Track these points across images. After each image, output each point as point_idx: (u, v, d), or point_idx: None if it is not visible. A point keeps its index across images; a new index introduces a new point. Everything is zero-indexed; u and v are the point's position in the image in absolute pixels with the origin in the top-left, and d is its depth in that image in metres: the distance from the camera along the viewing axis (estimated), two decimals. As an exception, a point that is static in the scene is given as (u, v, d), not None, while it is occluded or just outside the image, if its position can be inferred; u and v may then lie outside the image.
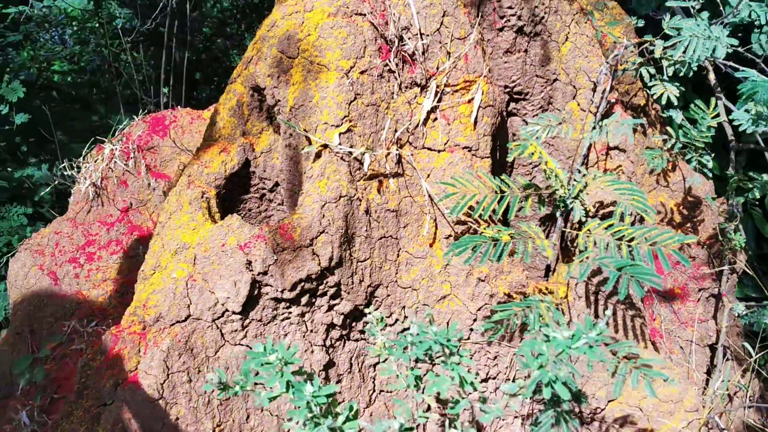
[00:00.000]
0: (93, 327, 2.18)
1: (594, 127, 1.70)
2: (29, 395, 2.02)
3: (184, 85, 4.96)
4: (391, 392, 1.70)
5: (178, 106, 2.70)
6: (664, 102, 1.98)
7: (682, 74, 2.14)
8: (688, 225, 2.26)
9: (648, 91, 2.11)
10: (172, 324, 1.52)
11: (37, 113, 4.27)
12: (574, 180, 1.63)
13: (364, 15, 1.70)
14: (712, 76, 2.66)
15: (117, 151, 2.43)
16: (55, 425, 1.75)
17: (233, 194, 1.83)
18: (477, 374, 1.68)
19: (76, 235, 2.41)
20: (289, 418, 1.05)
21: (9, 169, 3.90)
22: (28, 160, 3.77)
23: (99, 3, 4.73)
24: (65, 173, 2.53)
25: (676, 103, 2.01)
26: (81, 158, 2.61)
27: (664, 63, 2.12)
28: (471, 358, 1.69)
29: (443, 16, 1.74)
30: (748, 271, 2.21)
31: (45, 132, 4.23)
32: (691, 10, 2.17)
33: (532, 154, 1.49)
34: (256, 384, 1.03)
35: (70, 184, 2.59)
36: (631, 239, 1.47)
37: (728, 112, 2.38)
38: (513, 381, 1.72)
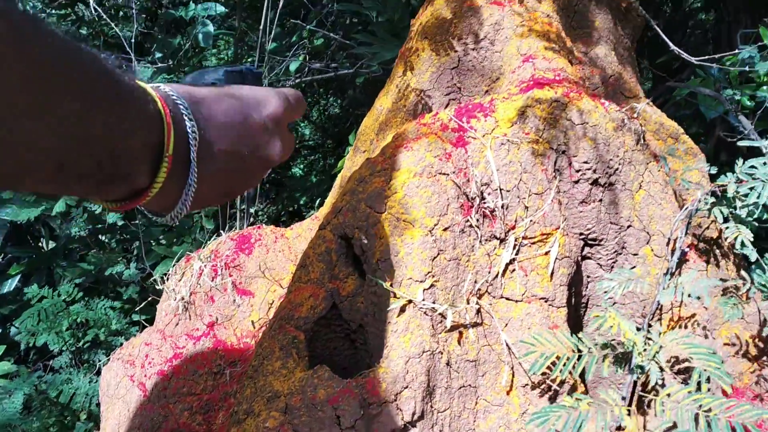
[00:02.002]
0: (179, 442, 2.30)
1: (667, 286, 1.75)
2: None
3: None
4: None
5: (262, 225, 2.86)
6: (738, 246, 2.02)
7: (755, 216, 2.17)
8: (764, 358, 2.25)
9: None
10: (264, 472, 1.61)
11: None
12: (649, 339, 1.68)
13: (447, 174, 1.81)
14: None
15: (206, 269, 2.59)
16: None
17: (319, 335, 1.94)
18: None
19: (165, 348, 2.56)
20: None
21: (96, 255, 4.15)
22: (115, 252, 4.02)
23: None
24: (156, 286, 2.71)
25: (749, 245, 2.05)
26: (170, 269, 2.79)
27: (738, 203, 2.17)
28: None
29: (522, 173, 1.85)
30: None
31: (131, 223, 4.50)
32: (763, 149, 2.22)
33: (611, 327, 1.56)
34: None
35: (156, 297, 2.76)
36: (709, 410, 1.51)
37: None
38: None
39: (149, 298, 2.94)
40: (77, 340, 3.73)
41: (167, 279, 2.77)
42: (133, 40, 3.63)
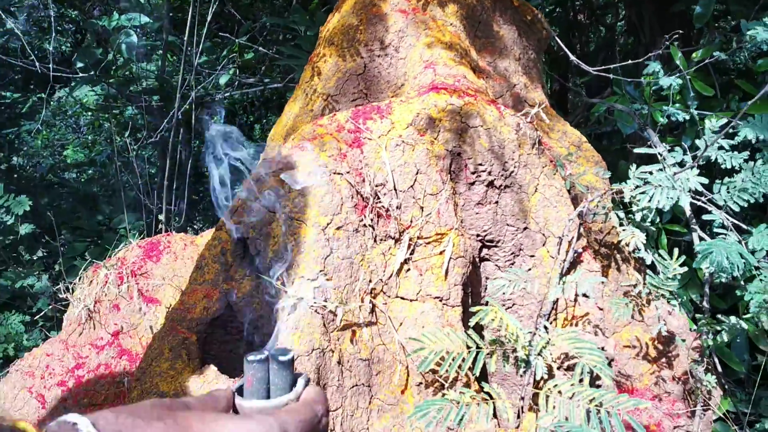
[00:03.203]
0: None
1: (558, 282, 1.79)
2: None
3: (187, 184, 5.11)
4: None
5: (172, 231, 2.81)
6: (631, 248, 2.08)
7: (649, 220, 2.25)
8: (663, 360, 2.31)
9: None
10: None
11: (44, 215, 4.42)
12: (538, 335, 1.71)
13: (342, 174, 1.82)
14: (687, 210, 2.77)
15: (111, 276, 2.52)
16: None
17: (214, 336, 1.91)
18: None
19: (67, 358, 2.48)
20: None
21: (10, 273, 4.01)
22: (33, 267, 3.89)
23: (107, 100, 4.96)
24: (62, 295, 2.63)
25: (642, 249, 2.11)
26: (76, 278, 2.71)
27: (634, 208, 2.23)
28: None
29: (417, 174, 1.87)
30: (719, 413, 2.24)
31: (50, 233, 4.37)
32: (658, 156, 2.30)
33: (493, 320, 1.57)
34: None
35: (63, 308, 2.68)
36: (590, 401, 1.53)
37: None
38: None
39: (59, 311, 2.84)
40: (-14, 357, 3.58)
41: (74, 288, 2.69)
42: (51, 50, 3.56)
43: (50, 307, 3.11)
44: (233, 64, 4.72)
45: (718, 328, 2.17)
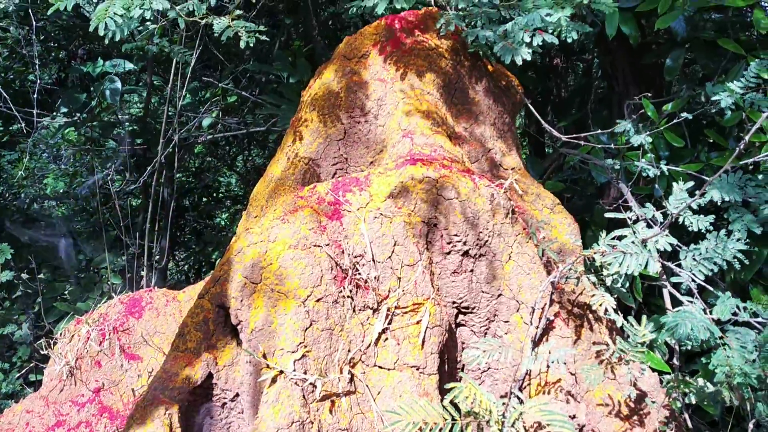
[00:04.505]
0: None
1: (531, 353, 1.86)
2: None
3: (169, 225, 5.13)
4: None
5: (155, 287, 2.84)
6: (602, 313, 2.16)
7: (619, 284, 2.33)
8: (635, 417, 2.37)
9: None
10: None
11: (23, 251, 4.42)
12: (512, 407, 1.77)
13: (322, 246, 1.88)
14: (657, 271, 2.85)
15: (93, 333, 2.55)
16: None
17: (195, 404, 1.95)
18: None
19: (47, 415, 2.49)
20: None
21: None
22: (12, 310, 3.89)
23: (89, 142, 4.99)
24: (41, 351, 2.64)
25: (612, 314, 2.18)
26: (58, 333, 2.73)
27: (604, 272, 2.31)
28: None
29: (395, 245, 1.93)
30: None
31: (30, 272, 4.37)
32: (628, 221, 2.38)
33: (467, 397, 1.63)
34: None
35: (44, 362, 2.70)
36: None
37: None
38: None
39: (36, 363, 2.86)
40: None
41: (54, 343, 2.71)
42: (35, 96, 3.60)
43: (32, 364, 3.12)
44: (216, 107, 4.78)
45: (686, 390, 2.24)
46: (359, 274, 1.90)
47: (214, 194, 8.47)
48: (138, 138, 4.39)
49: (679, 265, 2.25)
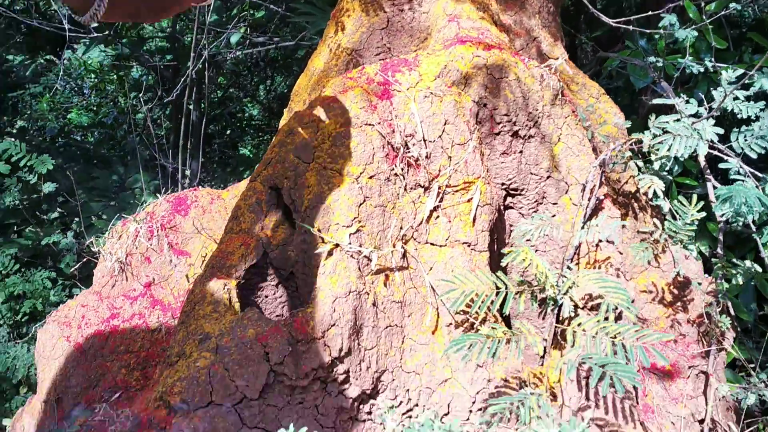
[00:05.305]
0: (116, 398, 2.32)
1: (582, 227, 1.86)
2: (57, 466, 2.16)
3: (201, 145, 5.16)
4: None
5: (199, 187, 2.88)
6: (650, 195, 2.15)
7: (667, 168, 2.31)
8: (679, 304, 2.40)
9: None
10: (196, 409, 1.67)
11: (61, 174, 4.49)
12: (564, 277, 1.79)
13: (373, 125, 1.88)
14: (702, 161, 2.83)
15: (142, 230, 2.60)
16: (85, 500, 1.88)
17: (251, 283, 1.99)
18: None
19: (101, 309, 2.57)
20: None
21: (32, 229, 4.09)
22: (51, 221, 3.97)
23: (118, 60, 4.97)
24: (92, 248, 2.71)
25: (661, 196, 2.18)
26: (107, 233, 2.79)
27: (652, 157, 2.30)
28: (470, 440, 1.82)
29: (445, 124, 1.93)
30: (733, 352, 2.34)
31: (68, 193, 4.44)
32: (677, 106, 2.35)
33: (524, 260, 1.65)
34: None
35: (94, 259, 2.76)
36: (615, 335, 1.62)
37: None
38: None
39: (85, 260, 2.93)
40: (15, 313, 3.68)
41: (104, 242, 2.77)
42: (62, 11, 3.58)
43: (79, 264, 3.20)
44: (244, 23, 4.73)
45: (733, 271, 2.25)
46: (410, 152, 1.90)
47: (238, 124, 8.47)
48: (167, 55, 4.37)
49: (730, 147, 2.23)
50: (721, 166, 2.35)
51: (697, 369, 2.35)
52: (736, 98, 2.38)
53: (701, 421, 2.30)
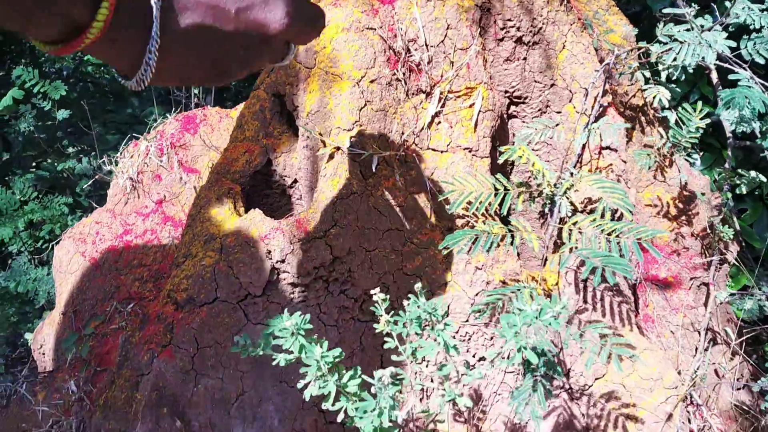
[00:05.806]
0: (131, 308, 2.40)
1: (584, 130, 1.86)
2: (75, 368, 2.25)
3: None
4: (396, 364, 1.88)
5: (208, 106, 2.90)
6: (656, 105, 2.14)
7: (675, 78, 2.28)
8: (683, 218, 2.41)
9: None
10: (201, 305, 1.73)
11: (76, 107, 4.53)
12: (563, 179, 1.80)
13: (375, 29, 1.87)
14: (714, 75, 2.79)
15: (152, 148, 2.64)
16: (100, 393, 1.98)
17: (256, 190, 2.03)
18: (471, 347, 1.86)
19: (115, 225, 2.64)
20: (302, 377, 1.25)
21: (49, 160, 4.16)
22: (67, 153, 4.03)
23: None
24: (104, 167, 2.76)
25: (667, 105, 2.17)
26: (118, 153, 2.84)
27: (660, 67, 2.27)
28: (469, 339, 1.87)
29: (447, 29, 1.92)
30: (737, 262, 2.35)
31: (83, 125, 4.49)
32: (687, 16, 2.30)
33: (521, 157, 1.66)
34: (274, 348, 1.24)
35: (108, 177, 2.82)
36: (610, 233, 1.64)
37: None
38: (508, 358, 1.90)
39: (99, 180, 2.98)
40: (35, 240, 3.78)
41: (116, 162, 2.82)
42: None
43: (91, 181, 3.25)
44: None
45: (738, 181, 2.24)
46: (412, 57, 1.90)
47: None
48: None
49: (739, 56, 2.19)
50: (731, 77, 2.31)
51: (699, 281, 2.37)
52: (749, 9, 2.33)
53: (701, 331, 2.33)
